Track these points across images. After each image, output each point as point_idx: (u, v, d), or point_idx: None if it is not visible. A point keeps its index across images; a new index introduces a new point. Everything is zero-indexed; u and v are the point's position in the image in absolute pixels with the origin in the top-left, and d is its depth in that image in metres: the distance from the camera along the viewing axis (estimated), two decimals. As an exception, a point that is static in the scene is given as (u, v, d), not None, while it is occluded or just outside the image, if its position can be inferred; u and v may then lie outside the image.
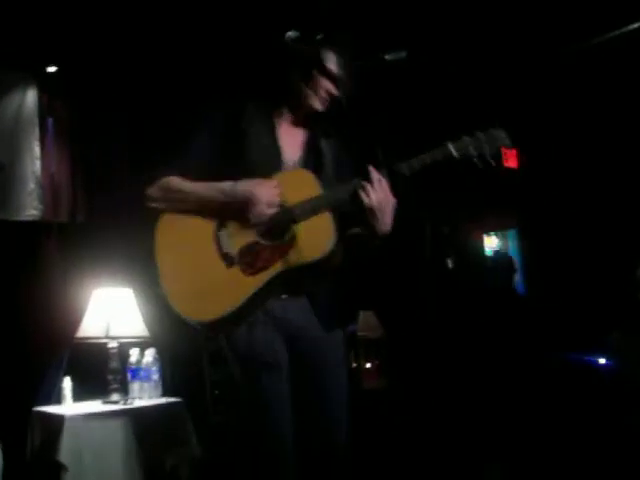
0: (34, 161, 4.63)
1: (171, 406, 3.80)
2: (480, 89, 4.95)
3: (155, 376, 3.90)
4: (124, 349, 3.84)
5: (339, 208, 2.12)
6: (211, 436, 4.04)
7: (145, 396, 3.83)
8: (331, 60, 2.18)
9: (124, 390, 3.80)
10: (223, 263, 2.07)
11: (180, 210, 2.14)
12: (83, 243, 4.59)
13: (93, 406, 3.69)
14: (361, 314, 4.93)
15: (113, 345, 3.76)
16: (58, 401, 3.78)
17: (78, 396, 3.81)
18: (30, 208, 4.59)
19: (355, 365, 4.81)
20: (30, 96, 4.65)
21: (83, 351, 3.95)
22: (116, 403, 3.68)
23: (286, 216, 2.08)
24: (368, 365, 4.78)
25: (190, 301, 2.06)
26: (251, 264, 2.06)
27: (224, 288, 2.05)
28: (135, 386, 3.84)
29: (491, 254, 5.73)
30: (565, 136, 4.90)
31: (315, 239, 2.06)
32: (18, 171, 4.58)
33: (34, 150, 4.64)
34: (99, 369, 3.82)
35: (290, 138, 2.26)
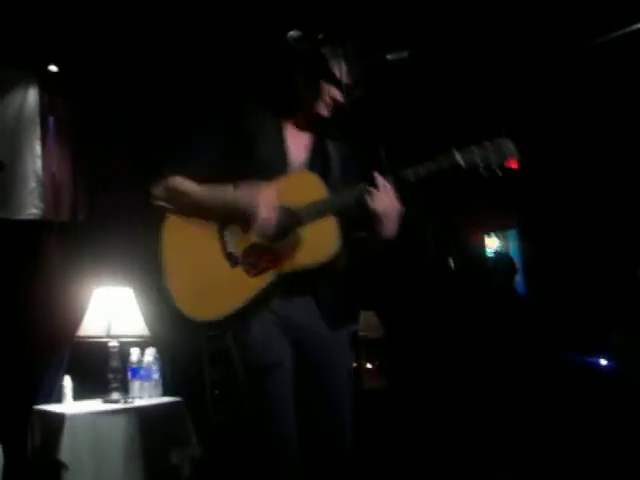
0: (35, 160, 4.63)
1: (171, 405, 3.81)
2: (480, 89, 4.94)
3: (155, 375, 3.90)
4: (124, 348, 3.84)
5: (344, 212, 2.12)
6: (211, 436, 4.04)
7: (145, 395, 3.84)
8: (338, 67, 2.17)
9: (124, 389, 3.80)
10: (227, 263, 2.08)
11: (184, 210, 2.15)
12: (84, 242, 4.59)
13: (93, 405, 3.70)
14: (362, 314, 4.93)
15: (114, 344, 3.76)
16: (58, 400, 3.79)
17: (78, 395, 3.82)
18: (31, 207, 4.59)
19: (356, 365, 4.81)
20: (31, 95, 4.64)
21: (84, 350, 3.95)
22: (116, 402, 3.69)
23: (291, 218, 2.08)
24: (369, 365, 4.78)
25: (194, 300, 2.07)
26: (255, 265, 2.07)
27: (228, 288, 2.06)
28: (135, 385, 3.85)
29: (492, 254, 5.73)
30: (565, 136, 4.89)
31: (320, 242, 2.08)
32: (19, 170, 4.57)
33: (35, 149, 4.64)
34: (99, 368, 3.83)
35: (296, 140, 2.27)
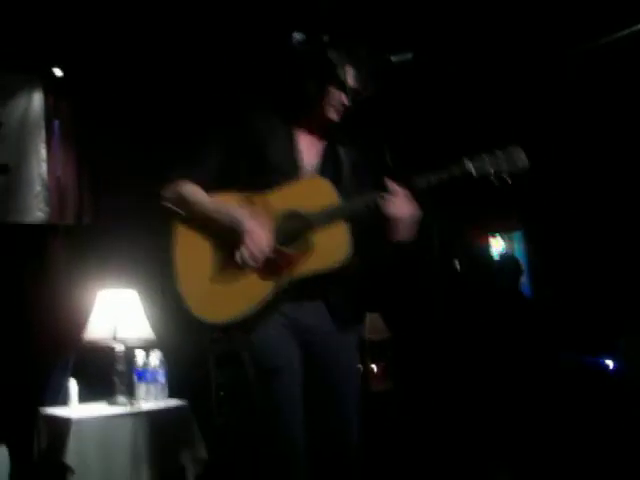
0: (40, 163, 4.64)
1: (177, 408, 3.80)
2: (484, 91, 4.93)
3: (161, 378, 3.89)
4: (130, 351, 3.84)
5: (356, 218, 2.14)
6: (216, 438, 4.03)
7: (151, 398, 3.82)
8: (347, 71, 2.18)
9: (130, 392, 3.79)
10: (240, 267, 2.09)
11: (192, 216, 2.17)
12: (89, 245, 4.60)
13: (99, 408, 3.69)
14: (368, 317, 4.91)
15: (119, 348, 3.76)
16: (64, 403, 3.78)
17: (84, 398, 3.81)
18: (36, 210, 4.60)
19: (361, 367, 4.80)
20: (36, 99, 4.66)
21: (89, 353, 3.95)
22: (122, 405, 3.68)
23: (303, 224, 2.10)
24: (374, 367, 4.77)
25: (206, 303, 2.09)
26: (267, 269, 2.08)
27: (240, 291, 2.08)
28: (141, 388, 3.83)
29: (497, 256, 5.72)
30: (571, 137, 4.88)
31: (331, 248, 2.10)
32: (24, 173, 4.59)
33: (40, 152, 4.65)
34: (105, 371, 3.82)
35: (308, 146, 2.28)
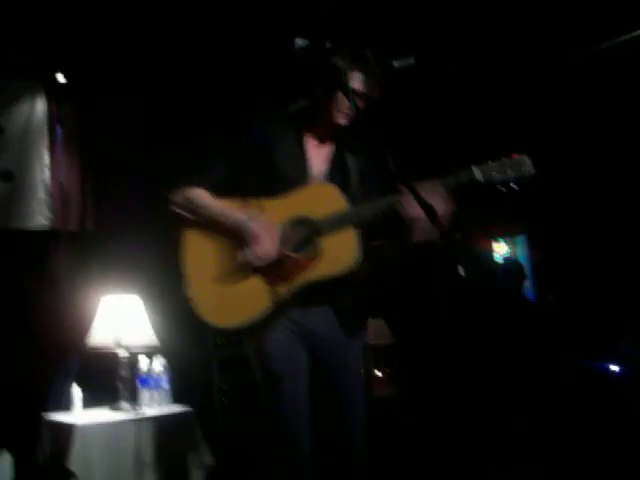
0: (43, 170, 4.65)
1: (181, 414, 3.79)
2: (489, 95, 4.93)
3: (165, 384, 3.89)
4: (134, 357, 3.83)
5: (366, 224, 2.15)
6: (219, 444, 4.03)
7: (155, 404, 3.82)
8: (356, 78, 2.19)
9: (133, 398, 3.79)
10: (250, 272, 2.11)
11: (201, 221, 2.19)
12: (92, 251, 4.61)
13: (103, 414, 3.69)
14: (371, 322, 4.91)
15: (123, 353, 3.76)
16: (68, 409, 3.77)
17: (88, 404, 3.80)
18: (39, 216, 4.61)
19: (365, 373, 4.78)
20: (39, 105, 4.67)
21: (92, 359, 3.94)
22: (125, 411, 3.68)
23: (312, 230, 2.12)
24: (378, 373, 4.76)
25: (216, 307, 2.11)
26: (277, 275, 2.10)
27: (250, 297, 2.09)
28: (145, 394, 3.83)
29: (501, 260, 5.71)
30: (575, 141, 4.88)
31: (340, 254, 2.11)
32: (27, 180, 4.59)
33: (43, 159, 4.66)
34: (109, 377, 3.82)
35: (316, 152, 2.29)
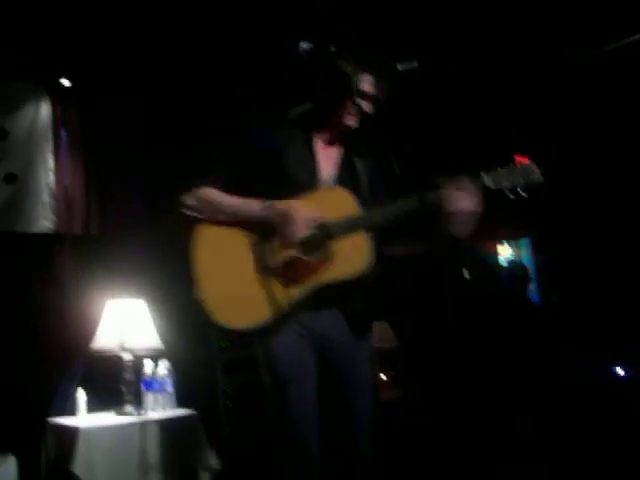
0: (48, 173, 4.66)
1: (185, 418, 3.79)
2: (492, 98, 4.93)
3: (169, 388, 3.89)
4: (138, 360, 3.83)
5: (381, 228, 2.16)
6: (224, 447, 4.02)
7: (159, 408, 3.82)
8: (366, 80, 2.21)
9: (138, 402, 3.79)
10: (262, 274, 2.11)
11: (215, 220, 2.18)
12: (96, 255, 4.61)
13: (107, 418, 3.69)
14: (376, 325, 4.89)
15: (127, 357, 3.76)
16: (72, 412, 3.77)
17: (92, 407, 3.80)
18: (44, 220, 4.61)
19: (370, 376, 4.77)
20: (44, 109, 4.68)
21: (97, 362, 3.94)
22: (130, 415, 3.67)
23: (324, 233, 2.12)
24: (383, 376, 4.74)
25: (228, 309, 2.10)
26: (289, 277, 2.10)
27: (262, 299, 2.09)
28: (149, 398, 3.83)
29: (505, 263, 5.71)
30: (579, 144, 4.87)
31: (352, 257, 2.12)
32: (32, 183, 4.60)
33: (48, 162, 4.67)
34: (113, 380, 3.82)
35: (326, 155, 2.30)
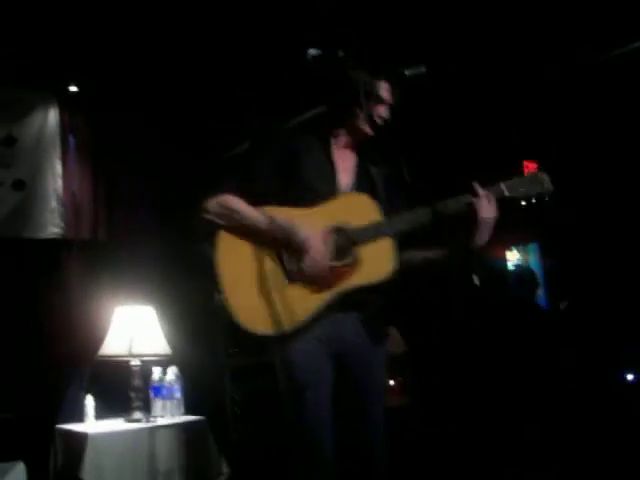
0: (56, 179, 4.68)
1: (194, 424, 3.78)
2: (499, 104, 4.92)
3: (177, 394, 3.88)
4: (146, 367, 3.83)
5: (404, 234, 2.18)
6: (232, 453, 4.01)
7: (167, 414, 3.81)
8: (383, 88, 2.23)
9: (146, 408, 3.78)
10: (287, 280, 2.12)
11: (237, 228, 2.18)
12: (105, 261, 4.62)
13: (116, 424, 3.68)
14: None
15: (135, 363, 3.76)
16: (80, 419, 3.78)
17: (100, 414, 3.81)
18: (52, 226, 4.63)
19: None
20: (52, 115, 4.70)
21: (105, 369, 3.95)
22: (138, 421, 3.67)
23: (348, 239, 2.13)
24: (391, 382, 4.72)
25: (253, 313, 2.10)
26: (314, 282, 2.10)
27: (289, 304, 2.10)
28: (157, 404, 3.83)
29: (513, 268, 5.68)
30: (587, 148, 4.85)
31: (378, 262, 2.14)
32: (40, 189, 4.62)
33: (56, 168, 4.69)
34: (121, 387, 3.82)
35: (342, 162, 2.31)
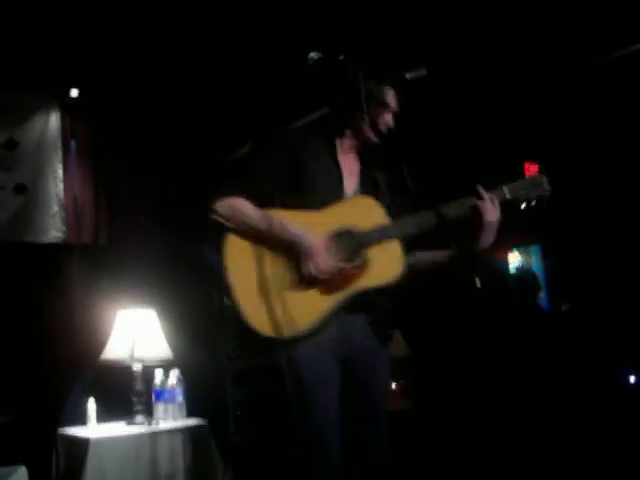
0: (57, 183, 4.68)
1: (196, 428, 3.78)
2: (501, 105, 4.92)
3: (179, 397, 3.88)
4: (148, 370, 3.83)
5: (412, 237, 2.20)
6: (234, 456, 4.01)
7: (169, 418, 3.81)
8: (389, 94, 2.25)
9: (148, 412, 3.78)
10: (297, 282, 2.12)
11: (244, 231, 2.18)
12: (106, 265, 4.63)
13: (117, 428, 3.68)
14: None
15: (137, 367, 3.75)
16: (82, 423, 3.77)
17: (102, 418, 3.80)
18: (53, 230, 4.63)
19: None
20: (53, 119, 4.71)
21: (107, 372, 3.94)
22: (140, 425, 3.67)
23: (356, 241, 2.14)
24: (393, 385, 4.71)
25: (266, 316, 2.09)
26: (324, 284, 2.11)
27: (301, 306, 2.10)
28: (159, 407, 3.82)
29: (515, 270, 5.68)
30: (588, 150, 4.85)
31: (387, 264, 2.15)
32: (41, 193, 4.62)
33: (57, 172, 4.69)
34: (123, 390, 3.82)
35: (347, 167, 2.32)
